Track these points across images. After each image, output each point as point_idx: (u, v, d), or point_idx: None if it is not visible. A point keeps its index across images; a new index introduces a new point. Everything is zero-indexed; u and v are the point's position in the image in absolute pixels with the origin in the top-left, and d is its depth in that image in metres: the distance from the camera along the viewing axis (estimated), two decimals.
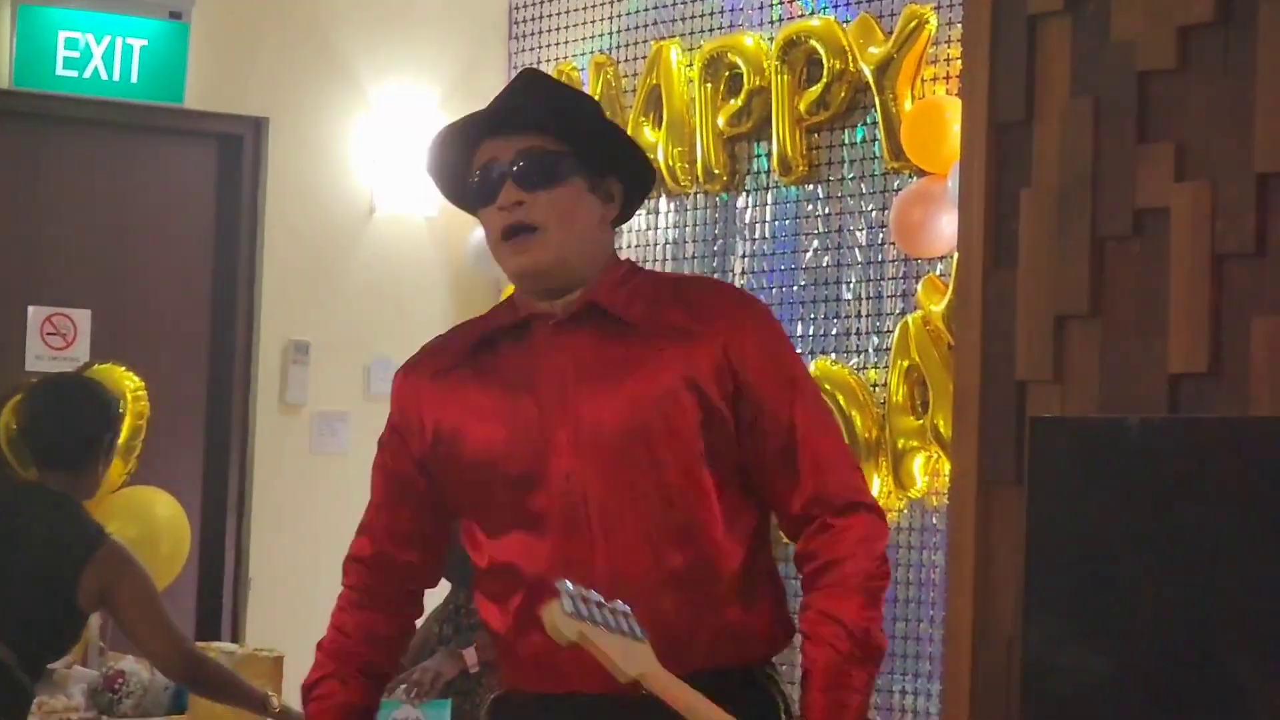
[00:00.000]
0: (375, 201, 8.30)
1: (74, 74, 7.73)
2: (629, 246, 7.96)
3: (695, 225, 7.84)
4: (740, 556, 3.70)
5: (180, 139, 8.06)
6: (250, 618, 7.95)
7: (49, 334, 7.68)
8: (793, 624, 3.80)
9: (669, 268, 7.83)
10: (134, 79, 7.80)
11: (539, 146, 3.72)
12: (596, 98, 7.82)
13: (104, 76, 7.75)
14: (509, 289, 8.04)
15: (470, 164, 3.77)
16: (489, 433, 3.71)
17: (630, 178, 3.84)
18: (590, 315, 3.73)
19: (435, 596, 6.40)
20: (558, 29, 8.37)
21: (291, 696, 6.26)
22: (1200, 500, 4.87)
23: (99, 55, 7.71)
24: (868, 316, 7.22)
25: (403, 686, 5.96)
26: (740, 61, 7.46)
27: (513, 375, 3.72)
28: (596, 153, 3.78)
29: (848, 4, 7.24)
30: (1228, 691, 4.77)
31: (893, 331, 7.05)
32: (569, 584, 3.36)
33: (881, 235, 7.15)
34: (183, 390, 8.01)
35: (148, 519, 7.35)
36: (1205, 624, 4.83)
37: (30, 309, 7.69)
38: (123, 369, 7.47)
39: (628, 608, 3.45)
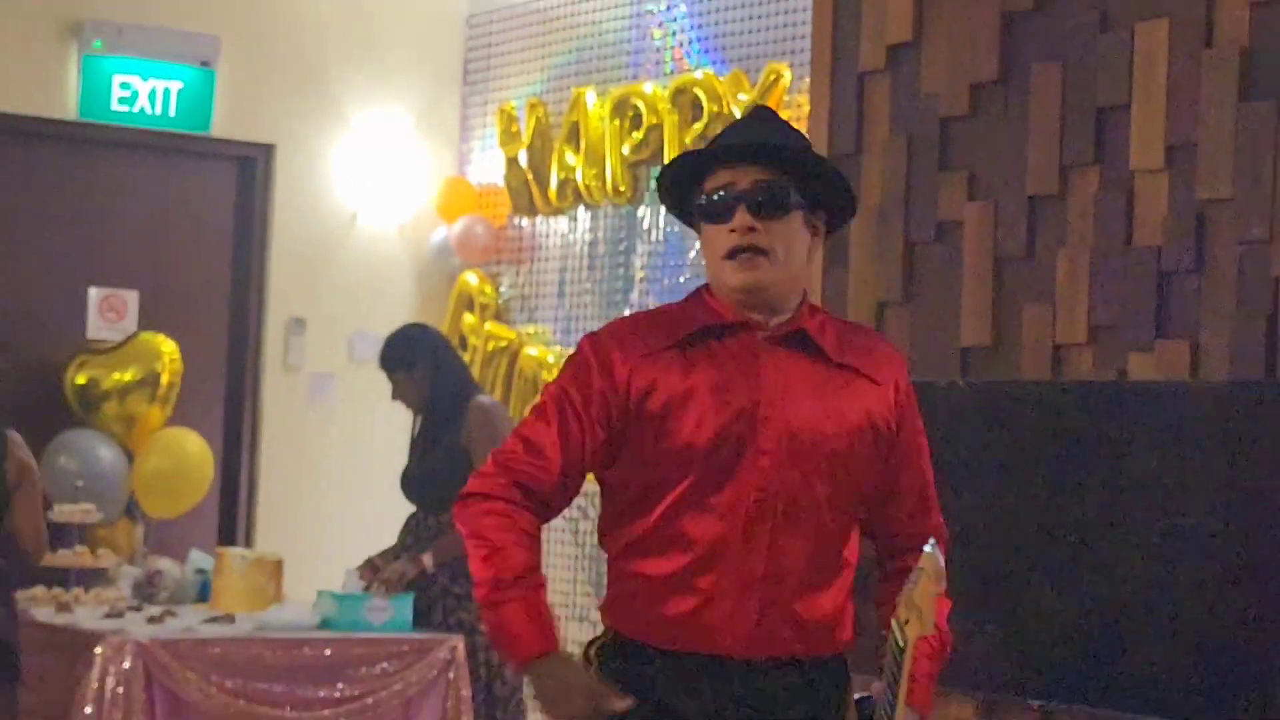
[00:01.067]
0: (357, 210, 8.30)
1: (125, 109, 7.74)
2: (555, 250, 8.01)
3: (606, 230, 7.77)
4: (853, 563, 3.38)
5: (208, 160, 8.09)
6: (259, 530, 7.99)
7: (105, 310, 7.71)
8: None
9: (586, 265, 7.86)
10: (172, 113, 7.84)
11: (773, 179, 3.32)
12: (529, 132, 7.96)
13: (149, 111, 7.79)
14: (462, 279, 8.20)
15: (700, 186, 3.36)
16: (702, 415, 3.32)
17: (836, 212, 3.40)
18: (798, 339, 3.34)
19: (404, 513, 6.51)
20: (500, 76, 8.31)
21: (292, 590, 6.39)
22: (983, 443, 5.09)
23: (145, 94, 7.76)
24: None
25: (375, 583, 6.00)
26: (641, 104, 7.43)
27: (731, 369, 3.34)
28: (811, 189, 3.35)
29: (723, 61, 7.21)
30: (998, 591, 4.97)
31: None
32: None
33: None
34: (208, 354, 8.02)
35: (181, 453, 7.46)
36: (980, 535, 5.00)
37: (91, 290, 7.71)
38: (163, 336, 7.62)
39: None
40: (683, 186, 3.42)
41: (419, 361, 6.36)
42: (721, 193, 3.33)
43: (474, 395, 6.44)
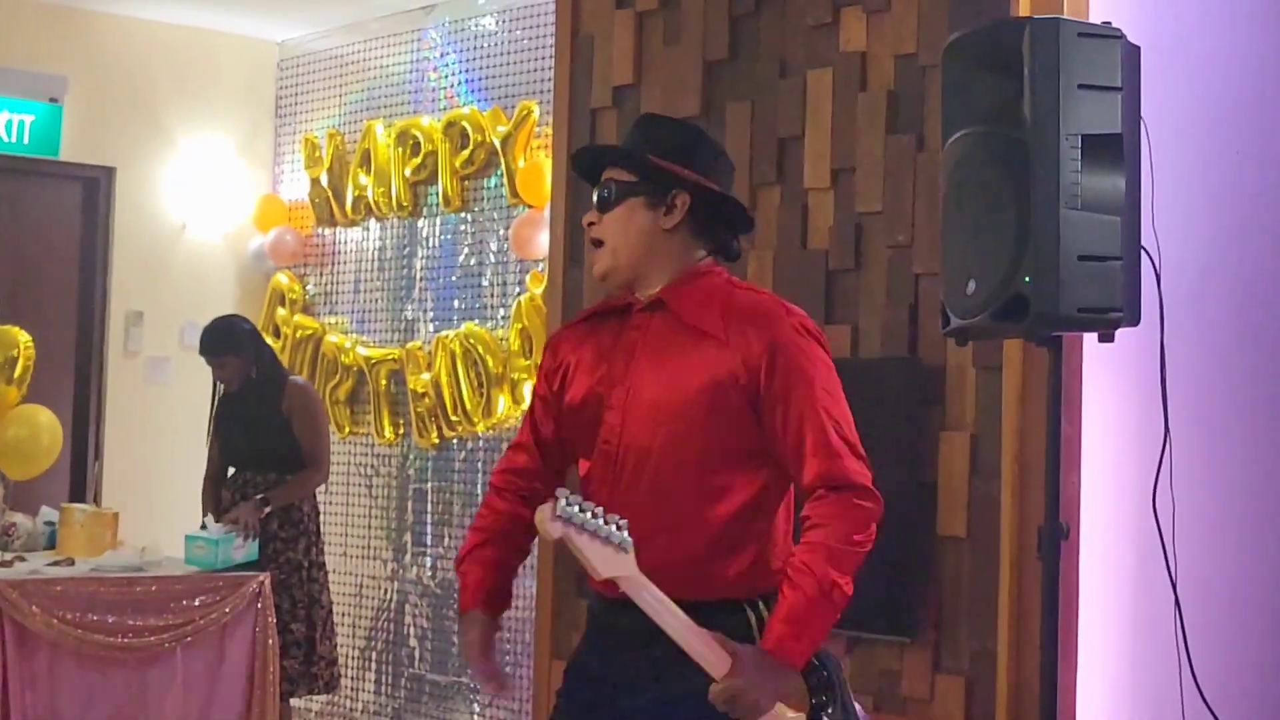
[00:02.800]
0: (186, 221, 8.23)
1: None
2: (352, 255, 7.93)
3: (391, 239, 7.76)
4: (724, 518, 3.05)
5: (58, 180, 7.97)
6: (105, 490, 7.90)
7: None
8: (772, 575, 3.07)
9: (377, 269, 7.81)
10: (26, 141, 7.74)
11: (613, 178, 3.17)
12: (329, 157, 7.91)
13: (6, 139, 7.69)
14: (275, 279, 8.25)
15: None
16: (578, 380, 3.19)
17: (697, 189, 3.15)
18: (660, 307, 3.14)
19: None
20: (306, 110, 8.28)
21: (132, 539, 6.27)
22: None
23: (1, 125, 7.68)
24: (498, 295, 7.21)
25: (232, 528, 5.96)
26: (419, 134, 7.44)
27: (606, 343, 3.18)
28: (659, 178, 3.13)
29: (486, 100, 7.23)
30: None
31: (512, 305, 7.03)
32: (566, 492, 2.83)
33: (506, 245, 7.12)
34: (59, 342, 7.92)
35: (34, 424, 7.23)
36: None
37: None
38: (18, 329, 7.36)
39: (623, 520, 2.88)
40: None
41: (244, 347, 6.34)
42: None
43: (288, 376, 6.45)
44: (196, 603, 5.72)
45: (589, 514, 2.85)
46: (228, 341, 6.35)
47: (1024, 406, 4.29)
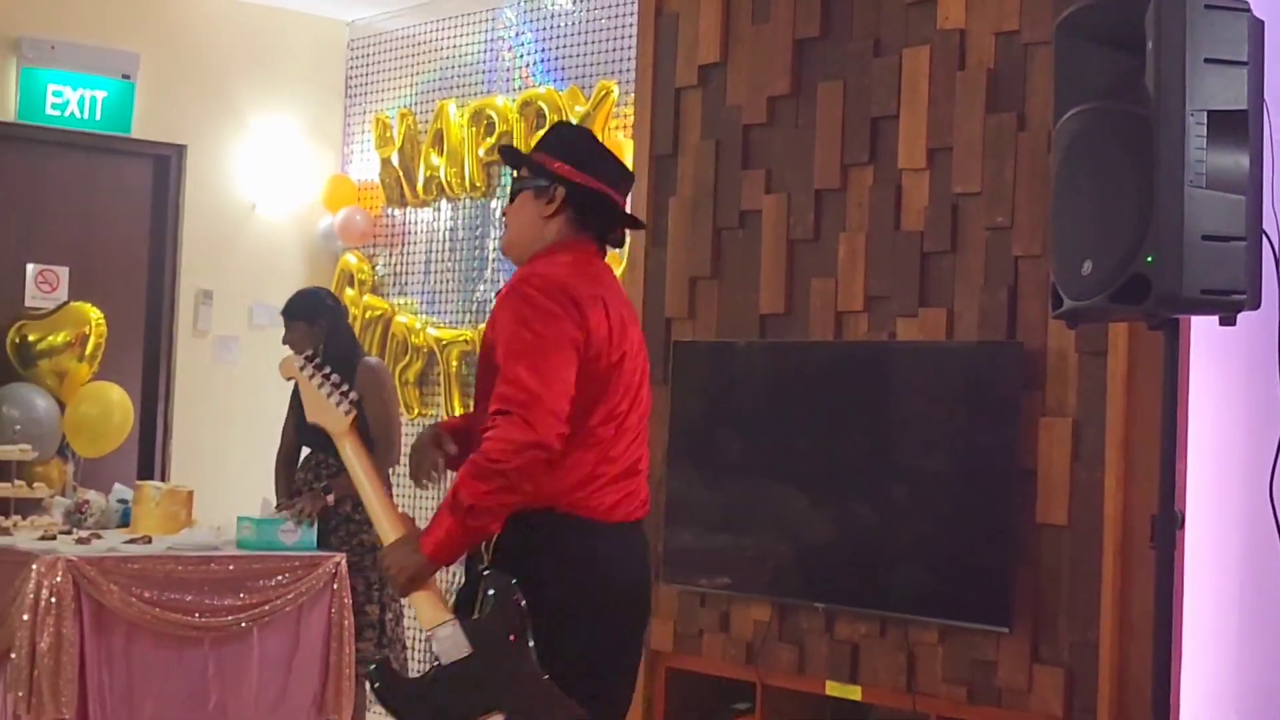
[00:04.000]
0: (256, 200, 8.17)
1: (58, 114, 7.57)
2: (422, 235, 7.89)
3: (465, 220, 7.68)
4: None
5: (129, 158, 7.89)
6: (172, 467, 7.86)
7: (41, 283, 7.51)
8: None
9: (449, 249, 7.74)
10: (98, 117, 7.68)
11: (517, 175, 3.63)
12: (400, 137, 7.86)
13: (78, 115, 7.62)
14: (343, 259, 8.20)
15: None
16: None
17: (571, 185, 3.55)
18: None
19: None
20: (376, 90, 8.22)
21: (201, 517, 6.20)
22: (778, 391, 5.12)
23: (75, 101, 7.60)
24: None
25: (287, 513, 5.83)
26: (494, 114, 7.37)
27: None
28: (543, 174, 3.55)
29: (562, 79, 7.16)
30: (789, 513, 4.99)
31: None
32: (314, 358, 3.60)
33: None
34: (129, 320, 7.87)
35: (105, 402, 7.32)
36: (776, 467, 5.05)
37: (29, 266, 7.50)
38: (90, 305, 7.46)
39: (352, 394, 3.55)
40: None
41: (320, 317, 6.21)
42: None
43: (362, 356, 6.34)
44: (273, 583, 5.66)
45: (323, 374, 3.58)
46: (301, 307, 6.24)
47: (1130, 391, 4.19)
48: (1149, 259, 3.40)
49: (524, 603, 3.35)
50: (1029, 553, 4.42)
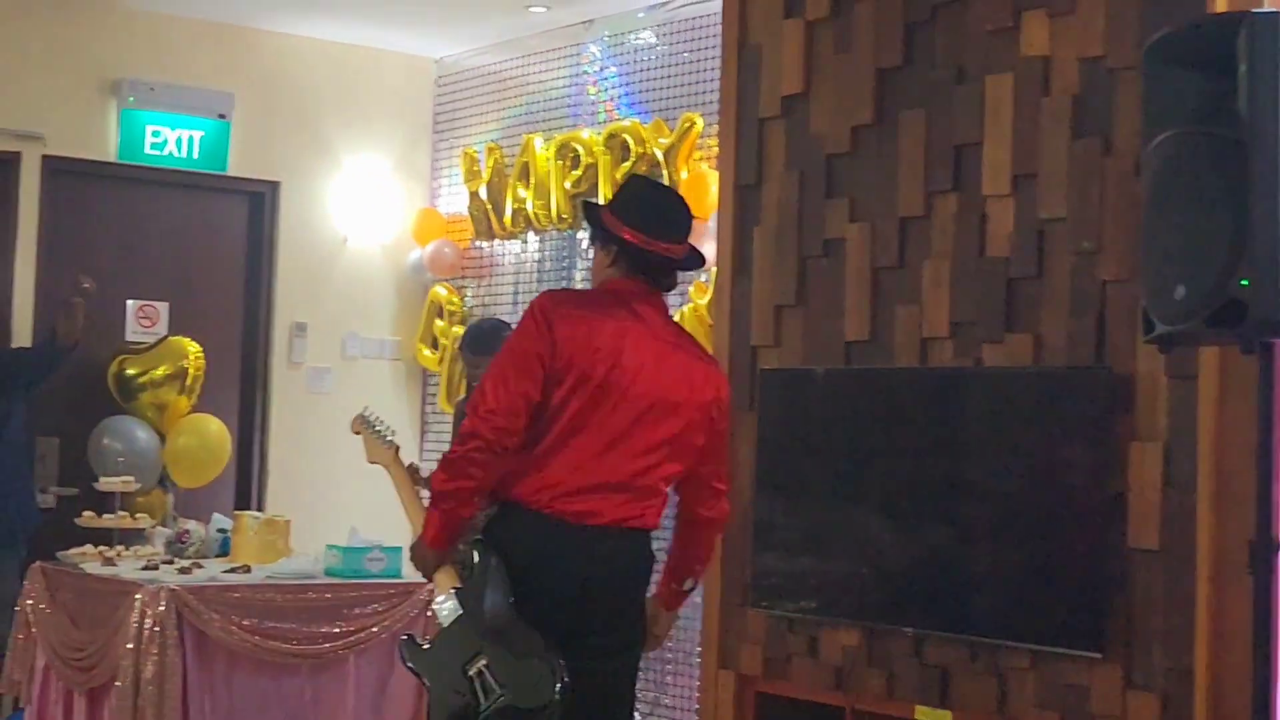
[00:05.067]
0: (348, 234, 8.21)
1: (157, 153, 7.64)
2: (510, 267, 7.90)
3: (551, 251, 7.70)
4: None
5: (225, 195, 7.96)
6: (269, 497, 7.92)
7: (141, 318, 7.60)
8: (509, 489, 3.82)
9: (535, 281, 7.73)
10: (195, 156, 7.74)
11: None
12: (488, 171, 7.83)
13: (176, 154, 7.68)
14: (433, 291, 8.20)
15: None
16: None
17: (621, 242, 3.91)
18: None
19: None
20: (464, 125, 8.23)
21: (297, 545, 6.20)
22: (865, 417, 5.03)
23: (173, 141, 7.67)
24: None
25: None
26: (579, 147, 7.35)
27: None
28: (598, 233, 3.98)
29: (647, 112, 7.15)
30: (877, 539, 4.92)
31: (675, 316, 6.84)
32: (368, 409, 4.38)
33: None
34: (226, 353, 7.93)
35: (204, 433, 7.37)
36: (862, 493, 4.98)
37: (129, 301, 7.58)
38: (188, 339, 7.53)
39: (391, 431, 4.33)
40: None
41: None
42: None
43: None
44: (368, 610, 5.68)
45: (377, 422, 4.39)
46: (494, 342, 6.11)
47: (1221, 415, 4.09)
48: (1244, 282, 3.32)
49: (494, 562, 3.79)
50: (1121, 578, 4.32)
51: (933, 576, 4.78)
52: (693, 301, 6.86)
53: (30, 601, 5.96)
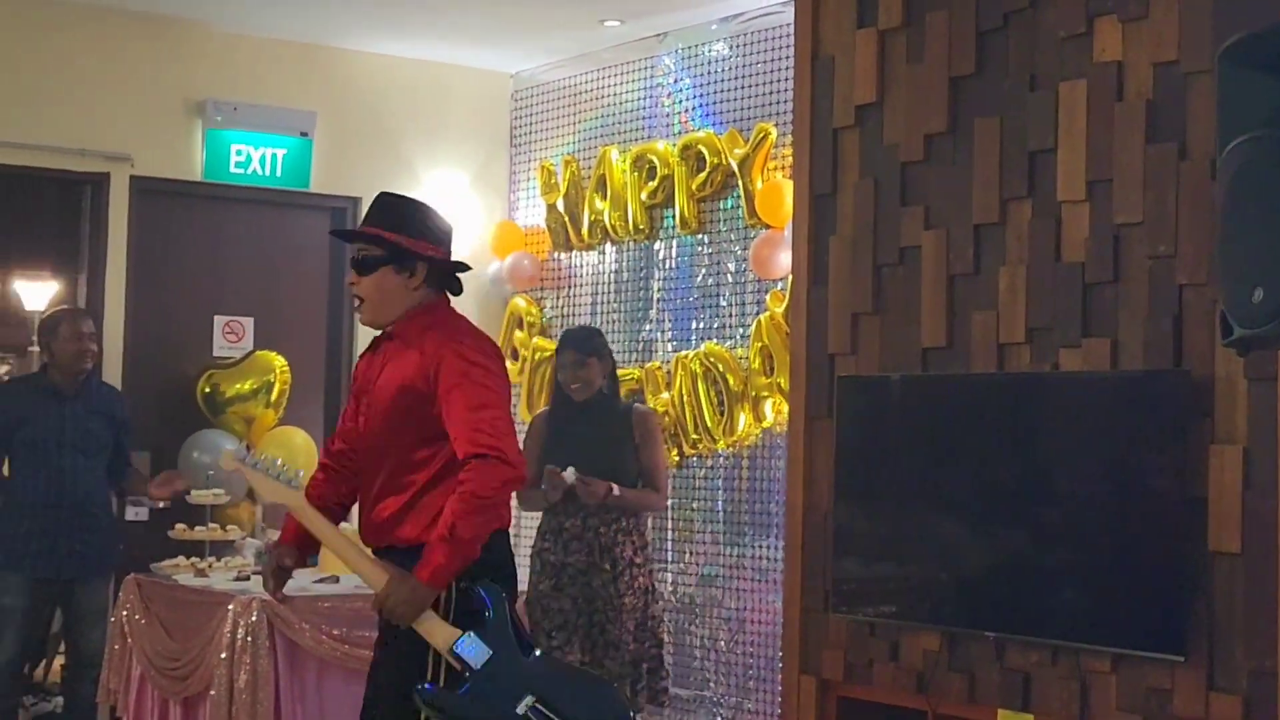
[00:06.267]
0: None
1: (241, 171, 7.72)
2: (588, 278, 7.90)
3: (629, 262, 7.71)
4: (420, 482, 3.90)
5: (307, 211, 8.04)
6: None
7: (227, 333, 7.71)
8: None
9: (613, 292, 7.74)
10: (278, 174, 7.81)
11: (367, 252, 4.02)
12: (565, 183, 7.88)
13: (260, 172, 7.76)
14: (512, 302, 8.24)
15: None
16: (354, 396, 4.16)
17: (431, 260, 4.03)
18: (393, 337, 4.00)
19: None
20: (540, 138, 8.25)
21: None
22: (942, 423, 5.02)
23: (256, 159, 7.75)
24: (737, 316, 7.11)
25: (574, 485, 5.73)
26: (655, 159, 7.38)
27: (374, 364, 4.06)
28: (399, 252, 4.00)
29: (721, 122, 7.15)
30: (956, 543, 4.91)
31: (751, 324, 6.94)
32: (245, 446, 4.02)
33: (744, 265, 7.04)
34: (311, 367, 7.99)
35: (291, 446, 7.41)
36: (941, 498, 4.97)
37: (216, 317, 7.70)
38: (274, 354, 7.63)
39: (296, 471, 3.97)
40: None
41: (606, 355, 6.08)
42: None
43: (634, 401, 6.20)
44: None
45: (260, 460, 4.00)
46: (598, 344, 6.04)
47: None
48: None
49: (505, 596, 3.85)
50: (1202, 581, 4.29)
51: (1012, 580, 4.76)
52: (769, 310, 6.87)
53: (125, 612, 6.03)
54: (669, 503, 7.31)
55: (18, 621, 6.17)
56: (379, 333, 4.14)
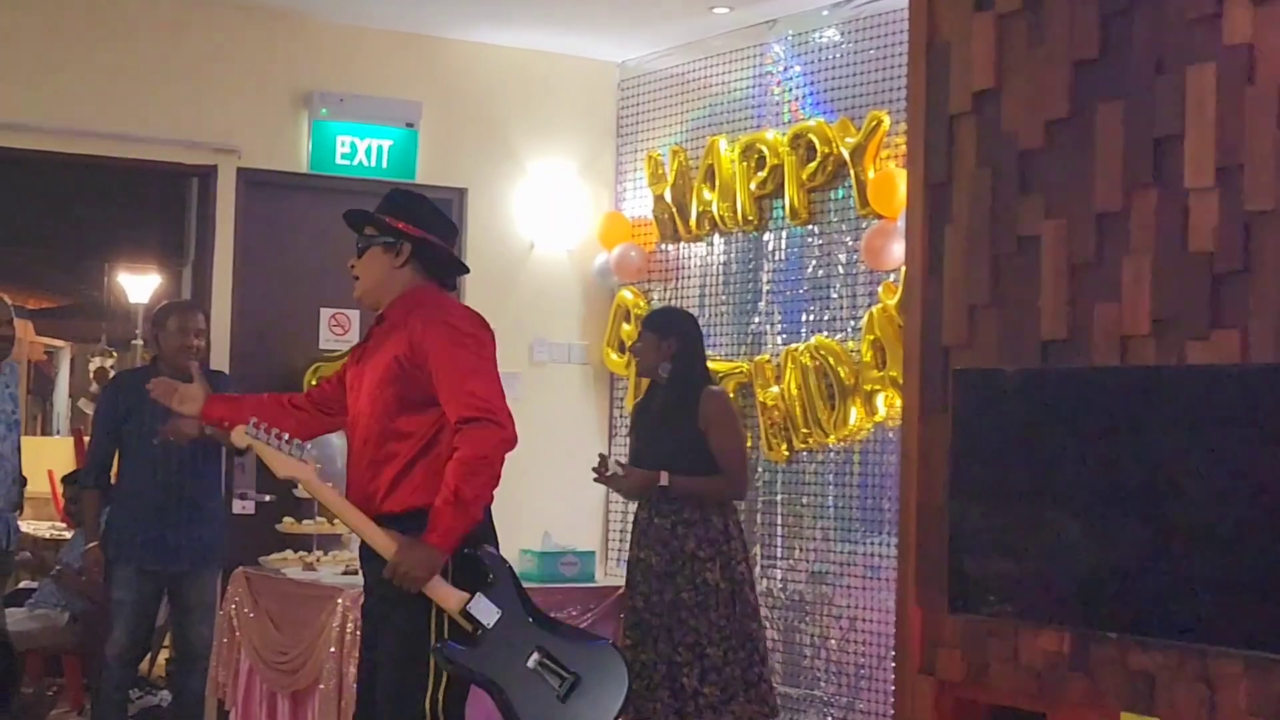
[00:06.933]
0: (534, 240, 8.26)
1: (347, 163, 7.75)
2: (696, 270, 7.87)
3: (737, 254, 7.64)
4: (403, 453, 4.18)
5: None
6: None
7: (334, 326, 7.73)
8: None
9: (721, 283, 7.71)
10: (384, 165, 7.84)
11: (364, 234, 4.42)
12: (673, 173, 7.85)
13: (366, 164, 7.79)
14: (619, 295, 8.23)
15: None
16: (348, 369, 4.46)
17: (416, 241, 4.35)
18: (384, 319, 4.34)
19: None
20: (647, 128, 8.25)
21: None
22: (1063, 418, 4.89)
23: (362, 150, 7.78)
24: (848, 308, 7.06)
25: (613, 475, 5.95)
26: (764, 148, 7.33)
27: (366, 351, 4.39)
28: (392, 233, 4.36)
29: (833, 110, 7.10)
30: (1076, 542, 4.79)
31: (863, 316, 6.90)
32: (255, 420, 4.20)
33: (855, 256, 6.99)
34: None
35: None
36: (1061, 494, 4.84)
37: (322, 309, 7.73)
38: None
39: (306, 444, 4.21)
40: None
41: (670, 335, 6.07)
42: None
43: (707, 384, 6.17)
44: (563, 614, 5.72)
45: (271, 435, 4.18)
46: (655, 319, 6.14)
47: None
48: None
49: (509, 566, 4.26)
50: None
51: (1136, 580, 4.66)
52: (882, 302, 6.80)
53: (233, 606, 6.07)
54: (778, 497, 7.31)
55: (127, 614, 6.24)
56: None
